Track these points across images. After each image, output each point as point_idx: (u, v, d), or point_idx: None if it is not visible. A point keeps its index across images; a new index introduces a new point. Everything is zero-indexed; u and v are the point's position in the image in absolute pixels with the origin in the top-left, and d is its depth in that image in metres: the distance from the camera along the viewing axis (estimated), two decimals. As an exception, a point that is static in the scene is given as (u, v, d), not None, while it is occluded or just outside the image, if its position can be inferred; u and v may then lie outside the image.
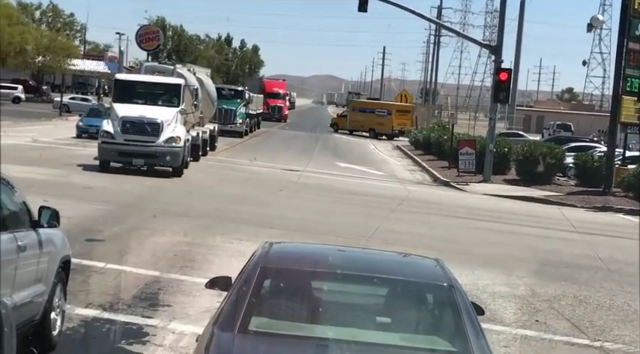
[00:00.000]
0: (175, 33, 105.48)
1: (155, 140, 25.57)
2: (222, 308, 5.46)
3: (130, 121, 25.75)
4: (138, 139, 25.55)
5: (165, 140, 25.65)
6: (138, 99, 26.98)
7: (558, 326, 11.26)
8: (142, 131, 25.67)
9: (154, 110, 26.27)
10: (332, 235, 17.09)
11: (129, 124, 25.70)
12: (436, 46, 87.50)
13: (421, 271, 6.34)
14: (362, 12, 32.69)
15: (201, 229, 16.64)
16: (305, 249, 7.29)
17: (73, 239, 11.94)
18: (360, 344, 5.14)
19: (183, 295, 11.11)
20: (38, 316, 7.88)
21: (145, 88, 27.56)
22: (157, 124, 25.77)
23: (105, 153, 25.66)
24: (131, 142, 25.49)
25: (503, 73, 31.69)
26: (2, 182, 7.67)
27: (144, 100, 27.01)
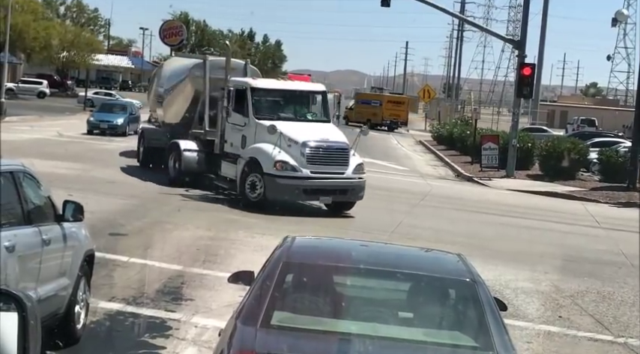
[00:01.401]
0: (199, 28, 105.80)
1: (345, 170, 19.33)
2: (245, 303, 5.48)
3: (316, 147, 19.20)
4: (325, 171, 19.20)
5: (354, 169, 19.61)
6: (281, 113, 20.49)
7: (582, 322, 11.20)
8: (329, 160, 19.39)
9: (325, 130, 20.17)
10: (354, 229, 17.09)
11: (315, 152, 19.18)
12: (459, 40, 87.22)
13: (444, 266, 6.33)
14: (385, 7, 32.61)
15: (223, 223, 16.70)
16: (327, 244, 7.29)
17: (97, 233, 12.03)
18: (382, 339, 5.14)
19: (205, 289, 11.15)
20: (62, 310, 7.95)
21: (287, 98, 21.09)
22: (345, 150, 19.60)
23: (285, 191, 18.95)
24: (319, 176, 19.11)
25: (526, 67, 31.50)
26: (27, 176, 7.74)
27: (292, 115, 20.62)
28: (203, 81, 22.22)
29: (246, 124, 19.98)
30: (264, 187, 18.92)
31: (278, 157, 18.89)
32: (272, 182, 18.83)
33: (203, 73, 22.24)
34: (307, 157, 18.99)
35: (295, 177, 18.87)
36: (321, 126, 20.31)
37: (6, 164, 7.54)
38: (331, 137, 19.75)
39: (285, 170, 18.86)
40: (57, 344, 7.88)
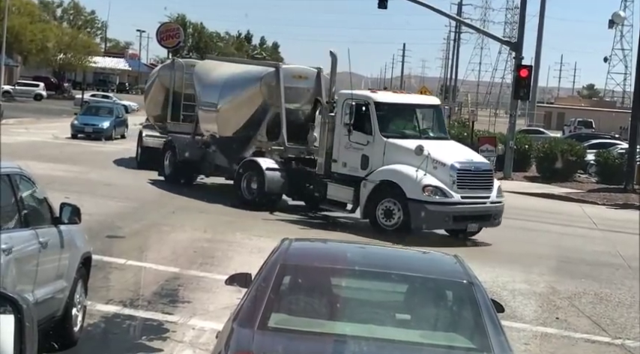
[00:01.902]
0: (196, 30, 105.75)
1: (490, 194, 17.77)
2: (242, 305, 5.48)
3: (465, 169, 17.46)
4: (474, 195, 17.56)
5: (498, 192, 18.04)
6: (405, 129, 18.87)
7: (579, 324, 11.21)
8: (477, 183, 17.71)
9: (460, 149, 18.96)
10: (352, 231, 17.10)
11: (464, 175, 17.39)
12: (456, 42, 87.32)
13: (440, 267, 6.33)
14: (382, 9, 32.62)
15: (220, 225, 16.69)
16: (324, 246, 7.29)
17: (94, 236, 12.03)
18: (379, 341, 5.14)
19: (203, 291, 11.15)
20: (60, 312, 7.94)
21: (407, 114, 19.30)
22: (491, 172, 18.39)
23: (435, 218, 17.08)
24: (468, 200, 17.44)
25: (523, 69, 31.54)
26: (24, 179, 7.73)
27: (416, 132, 18.85)
28: (276, 92, 20.38)
29: (369, 143, 17.89)
30: (407, 215, 16.93)
31: (426, 181, 16.91)
32: (419, 209, 16.80)
33: (276, 82, 20.40)
34: (457, 181, 17.15)
35: (446, 203, 16.98)
36: (449, 144, 18.97)
37: (3, 167, 7.53)
38: (474, 158, 18.40)
39: (435, 195, 16.93)
40: (53, 347, 7.87)
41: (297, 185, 19.47)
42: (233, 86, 21.35)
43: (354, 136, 18.08)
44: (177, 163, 22.78)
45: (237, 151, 21.04)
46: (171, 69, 26.13)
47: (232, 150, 21.26)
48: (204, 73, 23.06)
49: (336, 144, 18.50)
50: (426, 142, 17.63)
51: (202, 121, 22.48)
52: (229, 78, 21.67)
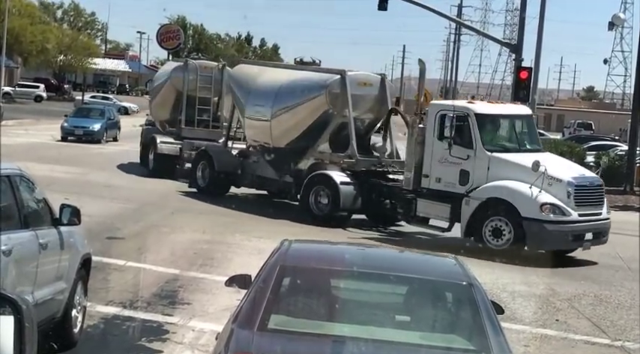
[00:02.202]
0: (196, 32, 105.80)
1: (602, 210, 17.07)
2: (242, 306, 5.48)
3: (581, 185, 16.59)
4: (589, 212, 16.71)
5: (607, 208, 17.52)
6: (504, 142, 17.90)
7: (579, 325, 11.21)
8: (591, 199, 16.84)
9: (565, 163, 18.35)
10: (352, 234, 17.10)
11: (580, 191, 16.52)
12: (456, 44, 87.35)
13: (440, 269, 6.33)
14: (382, 10, 32.61)
15: (220, 226, 16.70)
16: (324, 247, 7.29)
17: (94, 237, 12.03)
18: (378, 342, 5.14)
19: (202, 293, 11.15)
20: (59, 314, 7.94)
21: (504, 125, 18.39)
22: (602, 187, 17.45)
23: (554, 238, 16.10)
24: (586, 218, 16.55)
25: (523, 71, 31.52)
26: (24, 180, 7.74)
27: (516, 145, 17.81)
28: (342, 100, 19.27)
29: (470, 157, 16.75)
30: (521, 234, 15.93)
31: (543, 199, 15.90)
32: (537, 229, 15.81)
33: (342, 90, 19.26)
34: (574, 198, 16.20)
35: (565, 221, 15.99)
36: (549, 157, 17.87)
37: (2, 168, 7.54)
38: (585, 172, 17.77)
39: (553, 214, 15.93)
40: (53, 348, 7.87)
41: (371, 200, 18.50)
42: (291, 94, 19.94)
43: (453, 150, 16.95)
44: (214, 175, 21.40)
45: (288, 162, 20.00)
46: (184, 71, 25.32)
47: (283, 161, 20.15)
48: (246, 79, 21.60)
49: (428, 158, 17.24)
50: (525, 155, 16.86)
51: (249, 129, 21.17)
52: (285, 85, 20.18)
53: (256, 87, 20.86)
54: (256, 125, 20.71)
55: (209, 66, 26.22)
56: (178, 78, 25.38)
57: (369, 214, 18.99)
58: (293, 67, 22.04)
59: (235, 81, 22.14)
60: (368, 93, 19.77)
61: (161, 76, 27.19)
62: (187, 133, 24.79)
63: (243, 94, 21.32)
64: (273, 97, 20.10)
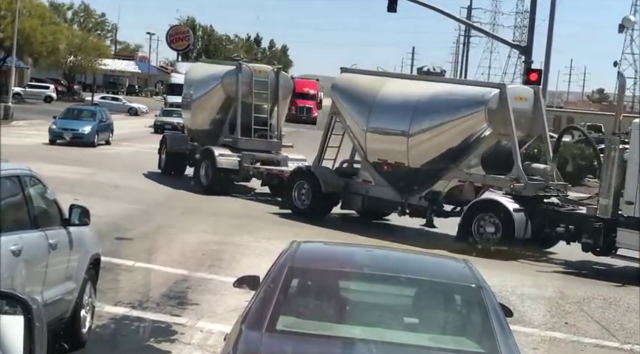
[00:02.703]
0: (205, 33, 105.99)
1: None
2: (250, 307, 5.48)
3: None
4: None
5: None
6: None
7: (588, 329, 11.18)
8: None
9: None
10: (360, 235, 17.08)
11: None
12: (466, 46, 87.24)
13: (449, 271, 6.32)
14: (391, 12, 32.60)
15: (229, 227, 16.71)
16: (332, 249, 7.29)
17: (103, 237, 12.04)
18: (387, 344, 5.14)
19: (211, 293, 11.16)
20: (68, 314, 7.96)
21: None
22: None
23: None
24: None
25: (533, 73, 31.46)
26: (33, 180, 7.76)
27: None
28: (501, 117, 17.61)
29: None
30: None
31: None
32: None
33: (500, 105, 17.54)
34: None
35: None
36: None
37: (12, 168, 7.57)
38: None
39: None
40: (62, 348, 7.89)
41: (542, 228, 16.97)
42: (436, 111, 18.05)
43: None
44: (319, 196, 19.45)
45: (418, 184, 18.23)
46: (237, 75, 22.78)
47: (411, 182, 18.42)
48: (362, 91, 19.50)
49: (632, 183, 15.56)
50: None
51: (372, 144, 19.00)
52: (427, 101, 18.25)
53: (379, 101, 18.98)
54: (384, 141, 18.84)
55: (264, 70, 23.74)
56: (231, 83, 22.88)
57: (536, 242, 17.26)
58: (421, 78, 20.02)
59: (342, 92, 20.03)
60: (523, 108, 18.10)
61: (202, 80, 24.21)
62: (244, 144, 22.59)
63: (361, 108, 19.28)
64: (410, 114, 18.27)
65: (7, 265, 6.73)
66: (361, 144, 19.39)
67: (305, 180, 19.84)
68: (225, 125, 23.48)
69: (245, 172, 22.24)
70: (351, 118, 19.68)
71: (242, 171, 22.22)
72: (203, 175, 22.68)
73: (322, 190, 19.32)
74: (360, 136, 19.38)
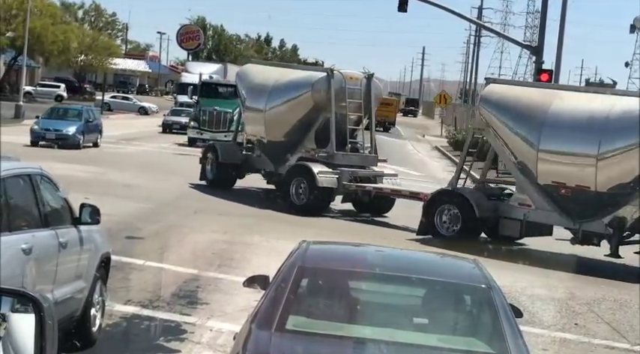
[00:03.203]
0: (216, 32, 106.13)
1: None
2: (260, 307, 5.49)
3: None
4: None
5: None
6: None
7: (598, 330, 11.14)
8: None
9: None
10: (371, 235, 17.08)
11: None
12: (476, 46, 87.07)
13: (459, 271, 6.32)
14: (402, 12, 32.59)
15: (239, 227, 16.72)
16: (342, 249, 7.29)
17: (114, 236, 12.08)
18: (397, 345, 5.14)
19: (221, 293, 11.18)
20: (79, 312, 7.98)
21: None
22: None
23: None
24: None
25: (544, 74, 31.39)
26: (44, 179, 7.79)
27: None
28: None
29: None
30: None
31: None
32: None
33: None
34: None
35: None
36: None
37: (24, 167, 7.60)
38: None
39: None
40: (73, 346, 7.92)
41: None
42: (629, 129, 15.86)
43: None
44: (473, 220, 17.50)
45: (600, 209, 16.32)
46: (329, 82, 20.50)
47: (591, 207, 16.42)
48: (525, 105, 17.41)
49: None
50: None
51: (546, 166, 16.84)
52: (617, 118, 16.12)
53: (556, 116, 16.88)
54: (564, 163, 16.68)
55: (355, 76, 21.36)
56: (322, 91, 20.62)
57: None
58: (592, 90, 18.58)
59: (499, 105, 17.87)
60: None
61: (278, 86, 21.56)
62: (341, 159, 20.55)
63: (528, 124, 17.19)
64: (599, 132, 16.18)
65: (17, 264, 6.75)
66: (528, 165, 17.24)
67: (453, 204, 17.79)
68: (306, 137, 21.18)
69: (343, 190, 20.27)
70: (513, 135, 17.46)
71: (340, 189, 20.20)
72: (294, 193, 20.29)
73: (476, 215, 17.39)
74: (528, 156, 17.16)
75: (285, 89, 21.38)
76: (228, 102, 37.21)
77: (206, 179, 23.22)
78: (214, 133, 36.86)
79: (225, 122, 37.26)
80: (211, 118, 37.45)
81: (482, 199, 17.95)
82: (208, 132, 37.18)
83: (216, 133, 36.76)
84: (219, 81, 42.06)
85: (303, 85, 21.06)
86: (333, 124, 20.48)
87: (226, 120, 37.29)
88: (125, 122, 53.79)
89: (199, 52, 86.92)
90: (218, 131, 37.10)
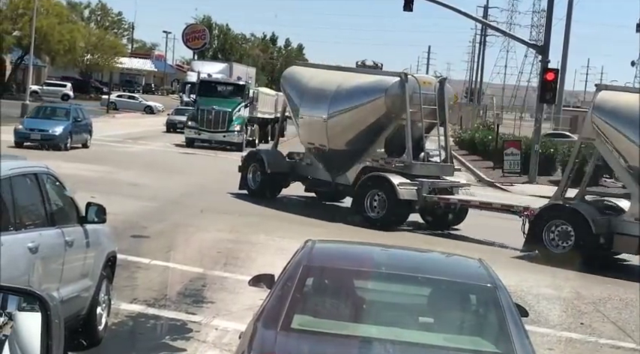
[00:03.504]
0: (221, 32, 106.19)
1: None
2: (265, 306, 5.49)
3: None
4: None
5: None
6: None
7: (604, 329, 11.13)
8: None
9: None
10: (377, 234, 17.08)
11: None
12: (482, 45, 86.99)
13: (465, 271, 6.31)
14: (407, 11, 32.56)
15: (245, 226, 16.74)
16: (348, 248, 7.29)
17: (119, 235, 12.10)
18: (402, 344, 5.13)
19: (226, 292, 11.19)
20: (85, 311, 8.00)
21: None
22: None
23: None
24: None
25: (550, 73, 31.35)
26: (51, 178, 7.81)
27: None
28: None
29: None
30: None
31: None
32: None
33: None
34: None
35: None
36: None
37: (30, 166, 7.62)
38: None
39: None
40: (79, 345, 7.94)
41: None
42: None
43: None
44: (585, 238, 16.20)
45: None
46: (404, 88, 19.21)
47: None
48: None
49: None
50: None
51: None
52: None
53: None
54: None
55: (428, 81, 20.45)
56: (397, 96, 19.33)
57: None
58: None
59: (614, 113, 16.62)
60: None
61: (342, 91, 20.22)
62: (419, 169, 19.26)
63: None
64: None
65: (24, 262, 6.77)
66: None
67: (564, 219, 16.55)
68: (372, 145, 19.98)
69: (424, 203, 18.92)
70: (629, 144, 16.32)
71: (420, 202, 18.86)
72: (368, 206, 18.96)
73: (592, 231, 16.11)
74: None
75: (352, 95, 20.00)
76: (227, 101, 36.51)
77: (248, 189, 21.93)
78: (213, 134, 36.21)
79: (225, 122, 36.09)
80: (210, 117, 36.18)
81: (596, 213, 16.68)
82: (207, 132, 36.23)
83: (215, 134, 36.10)
84: (218, 79, 40.55)
85: (375, 90, 19.58)
86: (408, 132, 19.23)
87: (225, 120, 36.09)
88: (131, 121, 53.92)
89: (205, 51, 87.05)
90: (217, 131, 36.15)
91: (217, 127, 36.15)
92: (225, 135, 36.11)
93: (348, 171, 20.23)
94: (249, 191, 21.82)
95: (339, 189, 20.71)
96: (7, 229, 6.68)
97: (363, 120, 19.85)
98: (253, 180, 21.95)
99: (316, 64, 23.82)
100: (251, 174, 21.99)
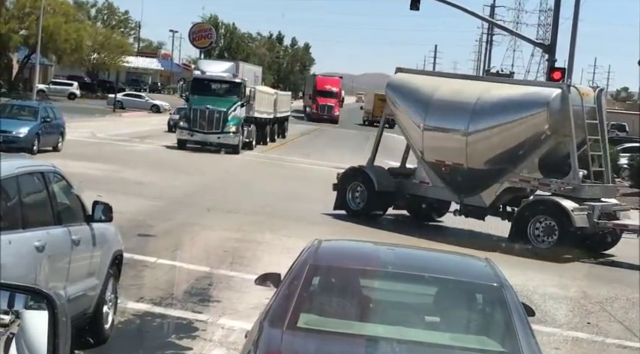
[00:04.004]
0: (228, 31, 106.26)
1: None
2: (271, 305, 5.49)
3: None
4: None
5: None
6: None
7: (610, 329, 11.11)
8: None
9: None
10: (383, 233, 17.06)
11: None
12: (488, 44, 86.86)
13: (471, 270, 6.30)
14: (414, 10, 32.53)
15: (250, 225, 16.74)
16: (354, 247, 7.29)
17: (126, 234, 12.10)
18: (408, 343, 5.13)
19: (232, 290, 11.20)
20: (91, 309, 8.01)
21: None
22: None
23: None
24: None
25: (556, 72, 31.26)
26: (57, 177, 7.83)
27: None
28: None
29: None
30: None
31: None
32: None
33: None
34: None
35: None
36: None
37: (37, 164, 7.64)
38: None
39: None
40: (85, 343, 7.95)
41: None
42: None
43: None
44: None
45: None
46: (567, 100, 17.36)
47: None
48: None
49: None
50: None
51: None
52: None
53: None
54: None
55: (587, 92, 18.35)
56: (560, 110, 17.47)
57: None
58: None
59: None
60: None
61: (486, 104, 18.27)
62: (587, 192, 17.53)
63: None
64: None
65: (30, 261, 6.79)
66: None
67: None
68: (519, 164, 18.01)
69: (596, 229, 17.21)
70: None
71: (591, 228, 17.01)
72: (532, 233, 17.05)
73: None
74: None
75: (502, 108, 18.00)
76: (222, 100, 34.32)
77: (348, 209, 19.67)
78: (206, 135, 33.77)
79: (219, 123, 33.74)
80: (203, 117, 33.76)
81: None
82: (200, 133, 33.73)
83: (209, 135, 33.71)
84: (213, 76, 36.43)
85: (534, 103, 17.66)
86: (574, 150, 17.45)
87: (220, 120, 33.76)
88: (138, 120, 54.00)
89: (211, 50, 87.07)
90: (210, 132, 33.80)
91: (211, 128, 33.77)
92: (220, 136, 33.82)
93: (483, 191, 18.41)
94: (350, 212, 19.63)
95: (469, 209, 18.84)
96: (14, 228, 6.69)
97: (515, 136, 17.92)
98: (353, 199, 19.77)
99: (420, 71, 22.43)
100: (351, 193, 19.80)
